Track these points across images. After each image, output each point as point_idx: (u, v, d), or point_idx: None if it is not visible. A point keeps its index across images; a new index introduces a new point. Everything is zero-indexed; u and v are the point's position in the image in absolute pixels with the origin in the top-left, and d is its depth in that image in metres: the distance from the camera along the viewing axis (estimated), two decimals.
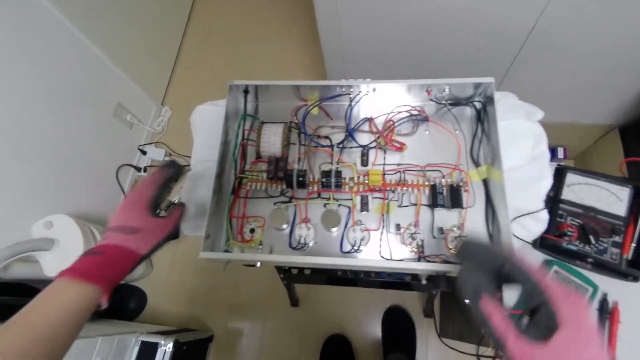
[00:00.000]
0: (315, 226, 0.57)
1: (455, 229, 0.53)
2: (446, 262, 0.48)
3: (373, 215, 0.57)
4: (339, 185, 0.56)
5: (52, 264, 1.11)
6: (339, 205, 0.58)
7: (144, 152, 1.68)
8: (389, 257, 0.54)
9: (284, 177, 0.56)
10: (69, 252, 1.13)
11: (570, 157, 1.37)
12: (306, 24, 1.86)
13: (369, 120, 0.62)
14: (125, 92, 1.57)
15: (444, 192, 0.55)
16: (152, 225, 0.46)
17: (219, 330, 1.39)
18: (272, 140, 0.61)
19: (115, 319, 1.34)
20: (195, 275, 1.48)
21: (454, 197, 0.53)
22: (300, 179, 0.56)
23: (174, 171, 0.52)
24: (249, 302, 1.43)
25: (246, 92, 0.63)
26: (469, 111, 0.62)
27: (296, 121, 0.64)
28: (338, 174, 0.57)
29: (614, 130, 1.16)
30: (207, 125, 0.72)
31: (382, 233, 0.55)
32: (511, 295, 0.42)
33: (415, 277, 1.07)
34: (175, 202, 0.56)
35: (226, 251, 0.56)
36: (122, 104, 1.55)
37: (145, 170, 1.67)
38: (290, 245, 0.57)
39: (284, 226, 0.57)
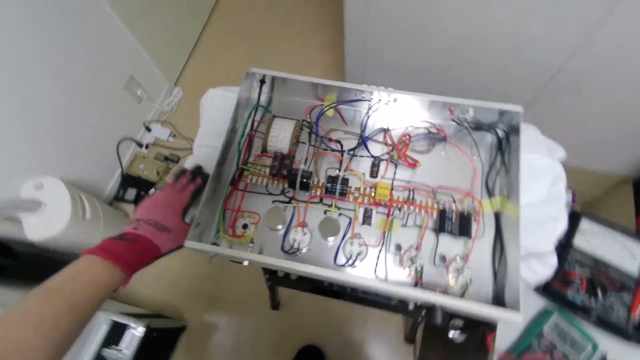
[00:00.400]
0: (311, 232, 0.54)
1: (458, 259, 0.50)
2: (445, 293, 0.45)
3: (374, 231, 0.54)
4: (343, 194, 0.53)
5: (34, 226, 1.07)
6: (340, 214, 0.55)
7: (148, 129, 1.65)
8: (383, 278, 0.51)
9: (288, 175, 0.53)
10: (54, 217, 1.10)
11: (577, 202, 1.34)
12: (329, 29, 1.84)
13: (385, 130, 0.59)
14: (140, 66, 1.55)
15: (453, 218, 0.52)
16: (180, 229, 0.48)
17: (194, 321, 1.35)
18: (281, 135, 0.58)
19: None
20: (178, 262, 1.44)
21: (462, 225, 0.50)
22: (305, 180, 0.53)
23: (205, 182, 0.54)
24: (228, 297, 1.39)
25: (262, 82, 0.60)
26: (489, 138, 0.59)
27: (309, 120, 0.61)
28: (345, 181, 0.54)
29: (627, 182, 1.14)
30: (216, 111, 0.69)
31: (380, 251, 0.52)
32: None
33: (402, 300, 1.04)
34: None
35: (214, 244, 0.53)
36: (135, 77, 1.53)
37: (147, 147, 1.64)
38: (282, 248, 0.53)
39: (279, 227, 0.54)
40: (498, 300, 0.47)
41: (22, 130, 1.11)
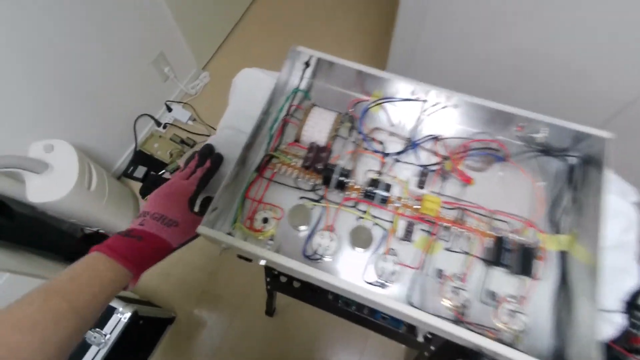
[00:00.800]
0: (339, 239, 0.47)
1: (512, 299, 0.42)
2: (500, 341, 0.36)
3: (411, 250, 0.46)
4: (384, 201, 0.46)
5: (37, 188, 1.02)
6: (375, 224, 0.48)
7: (169, 109, 1.61)
8: (418, 307, 0.43)
9: (324, 170, 0.46)
10: (59, 182, 1.04)
11: None
12: (376, 20, 1.79)
13: (435, 138, 0.52)
14: (172, 44, 1.51)
15: (511, 249, 0.44)
16: (190, 221, 0.45)
17: (182, 314, 1.27)
18: (319, 126, 0.51)
19: None
20: (169, 257, 1.37)
21: (524, 261, 0.42)
22: (342, 178, 0.46)
23: (216, 165, 0.50)
24: (222, 294, 1.31)
25: (307, 64, 0.54)
26: (555, 164, 0.51)
27: (352, 114, 0.54)
28: (387, 187, 0.47)
29: None
30: (248, 92, 0.63)
31: (419, 274, 0.44)
32: None
33: (411, 328, 0.95)
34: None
35: (229, 234, 0.46)
36: (165, 54, 1.49)
37: (164, 127, 1.60)
38: (303, 252, 0.46)
39: (303, 227, 0.47)
40: (558, 359, 0.38)
41: (41, 89, 1.06)
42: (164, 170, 1.49)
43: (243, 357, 1.22)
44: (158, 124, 1.59)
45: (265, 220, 0.47)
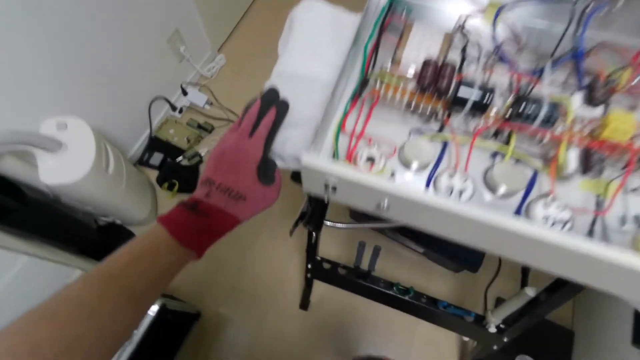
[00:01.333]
0: (474, 182, 0.35)
1: None
2: None
3: (577, 192, 0.35)
4: (548, 122, 0.34)
5: (52, 169, 0.91)
6: (518, 160, 0.36)
7: (185, 92, 1.50)
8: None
9: (447, 89, 0.35)
10: (75, 162, 0.93)
11: None
12: None
13: (595, 47, 0.39)
14: (188, 22, 1.41)
15: None
16: (259, 193, 0.39)
17: (208, 311, 1.16)
18: (426, 43, 0.40)
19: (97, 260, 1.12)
20: None
21: None
22: (484, 98, 0.34)
23: (282, 116, 0.40)
24: (250, 289, 1.19)
25: None
26: None
27: (464, 31, 0.42)
28: (553, 106, 0.34)
29: None
30: (312, 28, 0.52)
31: (601, 223, 0.32)
32: None
33: (479, 319, 0.83)
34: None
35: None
36: (180, 32, 1.39)
37: (180, 112, 1.49)
38: None
39: (420, 167, 0.35)
40: None
41: (54, 63, 0.95)
42: (181, 157, 1.37)
43: (280, 356, 1.10)
44: (173, 108, 1.48)
45: (371, 160, 0.36)
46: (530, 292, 0.62)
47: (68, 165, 0.92)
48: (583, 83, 0.38)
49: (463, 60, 0.40)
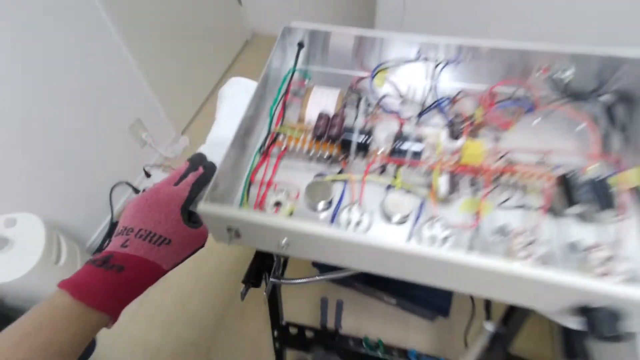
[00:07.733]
0: (371, 215, 0.37)
1: (604, 246, 0.33)
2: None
3: (457, 214, 0.38)
4: (417, 155, 0.38)
5: None
6: (408, 190, 0.39)
7: (148, 175, 1.53)
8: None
9: (338, 136, 0.39)
10: (22, 258, 0.90)
11: None
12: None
13: (452, 98, 0.47)
14: (148, 110, 1.50)
15: (582, 186, 0.35)
16: (185, 236, 0.36)
17: None
18: (323, 102, 0.45)
19: None
20: (161, 331, 1.17)
21: (601, 194, 0.34)
22: (364, 138, 0.38)
23: (210, 172, 0.41)
24: None
25: (301, 45, 0.50)
26: (588, 108, 0.46)
27: (356, 89, 0.49)
28: (419, 139, 0.39)
29: None
30: (239, 103, 0.58)
31: (476, 236, 0.35)
32: None
33: None
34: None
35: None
36: (142, 120, 1.47)
37: None
38: None
39: (323, 207, 0.38)
40: None
41: (5, 160, 0.97)
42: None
43: None
44: (136, 191, 1.50)
45: (278, 204, 0.38)
46: (489, 326, 0.61)
47: (13, 262, 0.89)
48: (447, 121, 0.44)
49: (357, 112, 0.46)
